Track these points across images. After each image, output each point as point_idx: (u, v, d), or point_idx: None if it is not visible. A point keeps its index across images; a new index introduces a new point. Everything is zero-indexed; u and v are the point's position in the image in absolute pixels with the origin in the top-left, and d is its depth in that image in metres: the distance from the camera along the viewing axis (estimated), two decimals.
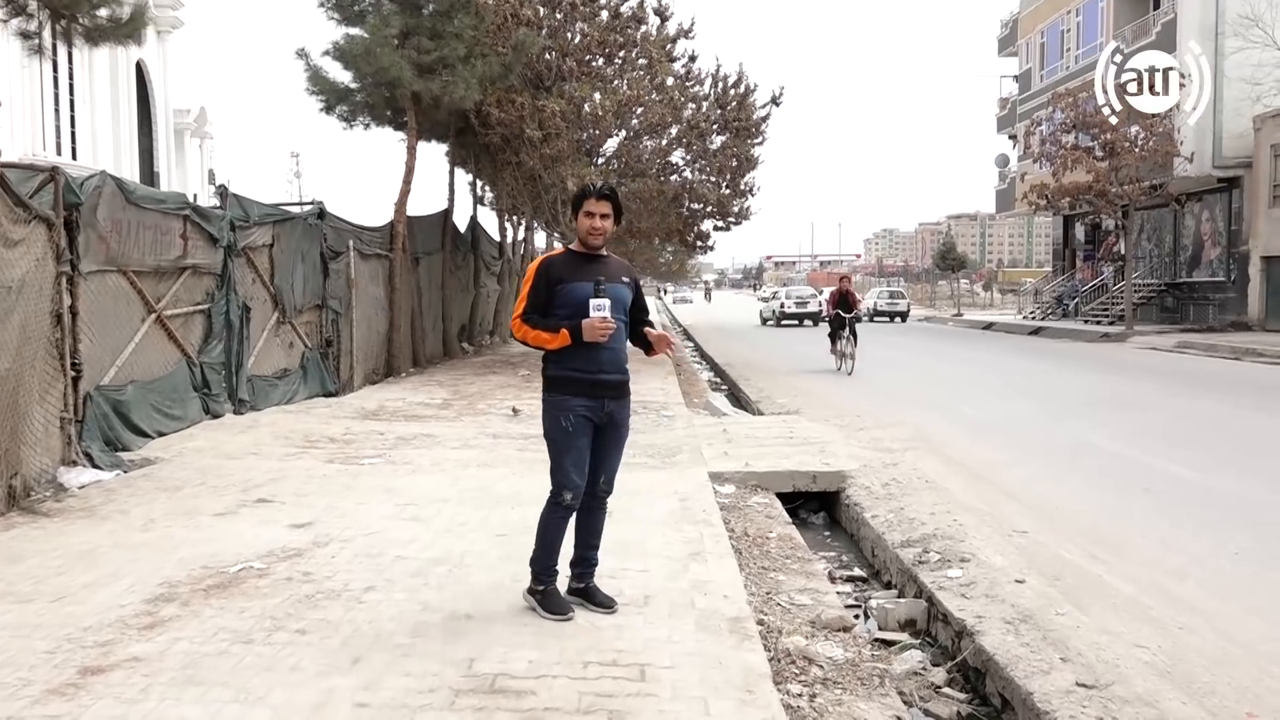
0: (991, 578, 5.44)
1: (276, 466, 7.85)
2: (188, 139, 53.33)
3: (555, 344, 4.27)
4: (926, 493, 7.64)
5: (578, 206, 4.39)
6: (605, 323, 4.16)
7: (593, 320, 4.16)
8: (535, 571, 4.45)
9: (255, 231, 11.20)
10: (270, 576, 4.92)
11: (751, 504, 7.39)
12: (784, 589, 5.36)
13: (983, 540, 6.20)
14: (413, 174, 16.46)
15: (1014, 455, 9.42)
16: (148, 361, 9.23)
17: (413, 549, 5.43)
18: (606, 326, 4.17)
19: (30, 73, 37.25)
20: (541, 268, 4.39)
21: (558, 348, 4.28)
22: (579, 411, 4.29)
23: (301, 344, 12.55)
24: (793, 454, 8.84)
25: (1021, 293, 48.43)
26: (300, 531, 5.80)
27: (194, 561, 5.15)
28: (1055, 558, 5.90)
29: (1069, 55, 36.41)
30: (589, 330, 4.17)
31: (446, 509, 6.41)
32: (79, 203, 7.89)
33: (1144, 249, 33.30)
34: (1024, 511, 7.13)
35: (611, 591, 4.67)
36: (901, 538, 6.43)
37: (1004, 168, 42.32)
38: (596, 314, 4.18)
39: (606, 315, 4.18)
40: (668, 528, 6.03)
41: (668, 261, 50.55)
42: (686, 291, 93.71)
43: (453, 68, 15.16)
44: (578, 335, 4.20)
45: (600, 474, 4.46)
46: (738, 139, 18.41)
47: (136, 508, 6.37)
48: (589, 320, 4.18)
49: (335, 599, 4.58)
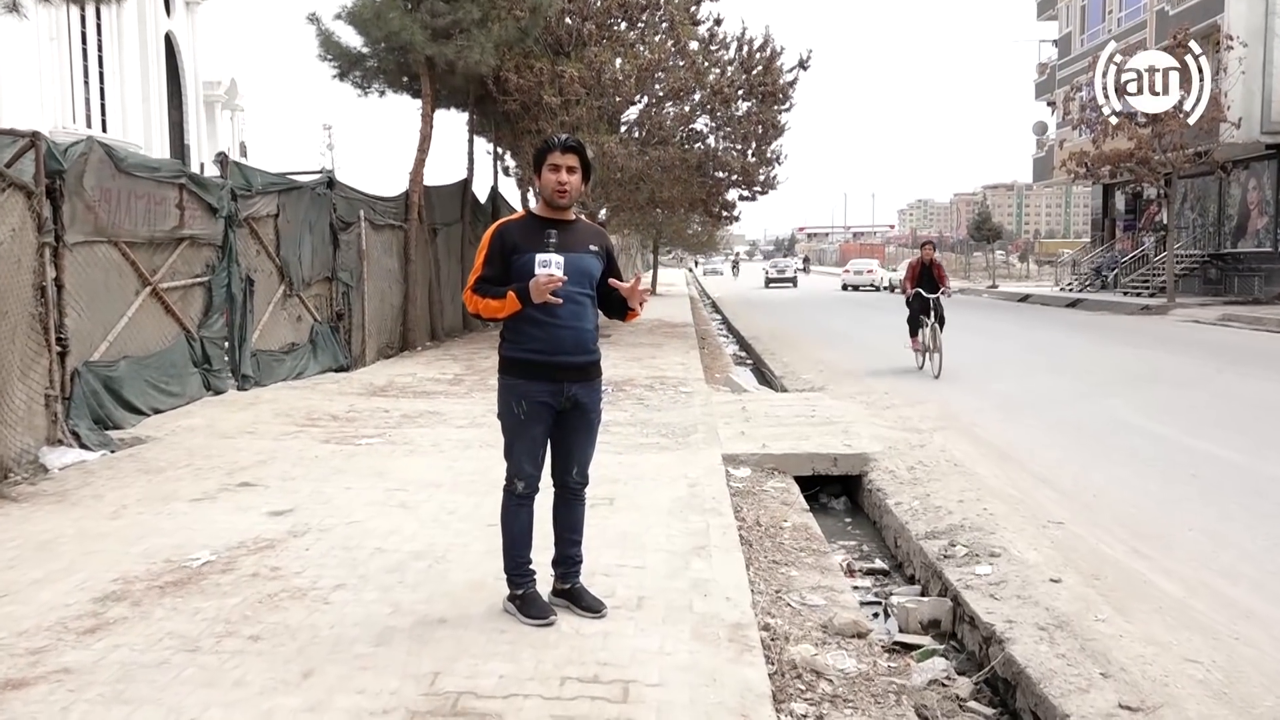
0: (1024, 575, 4.97)
1: (269, 447, 7.50)
2: (219, 111, 53.25)
3: (506, 311, 3.82)
4: (955, 477, 7.15)
5: (540, 162, 3.89)
6: (552, 280, 3.68)
7: (539, 278, 3.69)
8: (508, 575, 4.03)
9: (259, 201, 10.83)
10: (235, 572, 4.54)
11: (767, 489, 6.95)
12: (795, 586, 4.92)
13: (1014, 532, 5.72)
14: (429, 142, 16.02)
15: (1048, 436, 8.89)
16: (143, 336, 8.90)
17: (393, 541, 5.04)
18: (553, 282, 3.68)
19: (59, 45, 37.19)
20: (496, 235, 3.92)
21: (508, 316, 3.83)
22: (536, 397, 3.85)
23: (310, 317, 12.20)
24: (813, 434, 8.37)
25: (1059, 264, 47.30)
26: (278, 520, 5.43)
27: (157, 554, 4.79)
28: (1094, 552, 5.41)
29: (1111, 18, 35.22)
30: (536, 290, 3.69)
31: (438, 495, 6.01)
32: (62, 170, 7.54)
33: (1187, 219, 32.25)
34: (1059, 499, 6.63)
35: (604, 591, 4.25)
36: (926, 528, 5.96)
37: (1042, 135, 41.19)
38: (542, 270, 3.71)
39: (554, 272, 3.71)
40: (673, 517, 5.60)
41: (696, 233, 49.67)
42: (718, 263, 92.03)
43: (468, 32, 14.67)
44: (525, 296, 3.74)
45: (572, 464, 4.03)
46: (763, 104, 17.77)
47: (112, 491, 6.03)
48: (535, 279, 3.71)
49: (299, 599, 4.19)
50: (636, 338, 18.17)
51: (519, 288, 3.75)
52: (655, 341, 17.46)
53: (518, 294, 3.76)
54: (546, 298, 3.71)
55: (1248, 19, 26.83)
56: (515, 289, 3.76)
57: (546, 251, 3.74)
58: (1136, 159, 26.73)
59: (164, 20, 45.59)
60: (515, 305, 3.78)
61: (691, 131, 17.97)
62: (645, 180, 17.71)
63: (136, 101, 42.83)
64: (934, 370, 12.86)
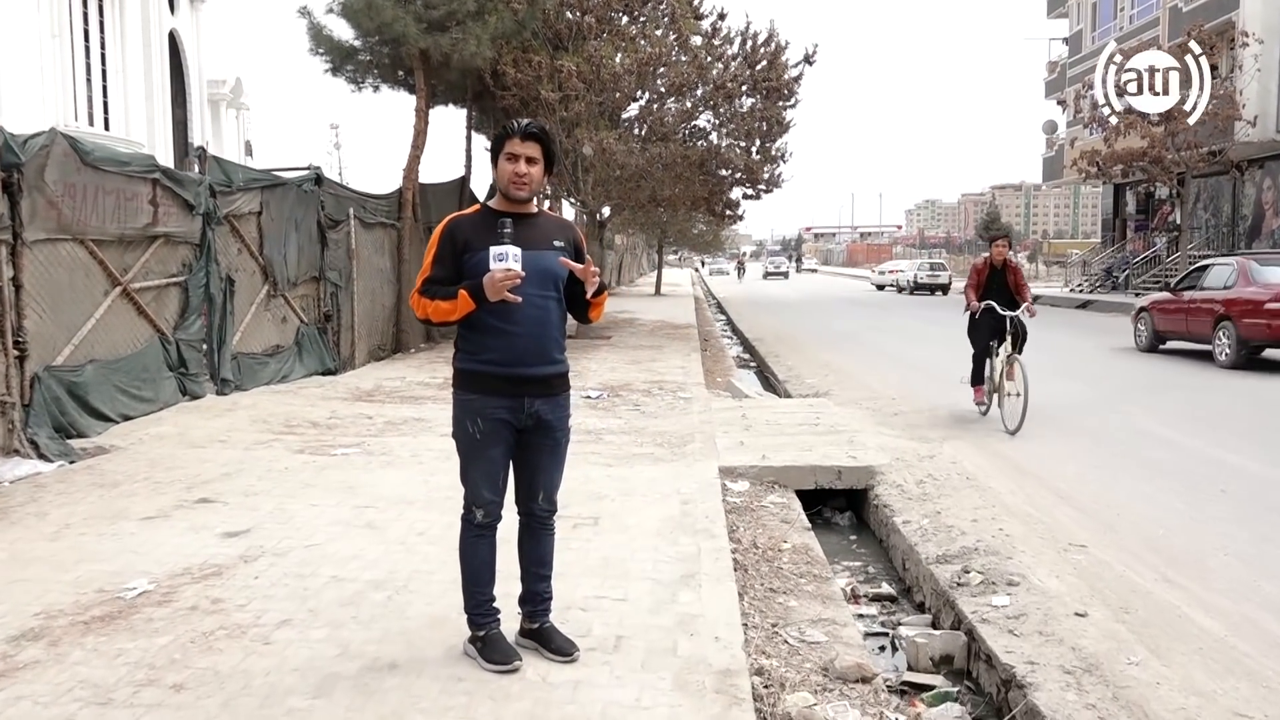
0: (1046, 608, 4.51)
1: (238, 457, 7.06)
2: (224, 110, 52.79)
3: (458, 313, 3.38)
4: (967, 492, 6.69)
5: (497, 150, 3.43)
6: (508, 275, 3.24)
7: (494, 273, 3.25)
8: (468, 614, 3.58)
9: (240, 198, 10.40)
10: (172, 604, 4.10)
11: (766, 504, 6.49)
12: (794, 619, 4.47)
13: (1034, 557, 5.26)
14: (423, 138, 15.60)
15: (1064, 446, 8.42)
16: (112, 339, 8.48)
17: (352, 568, 4.60)
18: (508, 279, 3.24)
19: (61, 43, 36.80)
20: (446, 231, 3.46)
21: (462, 319, 3.40)
22: (493, 414, 3.42)
23: (296, 319, 11.77)
24: (817, 445, 7.91)
25: (1069, 265, 46.72)
26: (232, 542, 4.99)
27: (90, 583, 4.35)
28: (1121, 581, 4.95)
29: (1123, 15, 34.68)
30: (491, 287, 3.25)
31: (409, 513, 5.57)
32: (20, 163, 7.11)
33: (1200, 219, 31.70)
34: (1080, 519, 6.16)
35: (578, 630, 3.81)
36: (938, 550, 5.50)
37: (1052, 135, 40.63)
38: (498, 265, 3.26)
39: (511, 266, 3.26)
40: (661, 540, 5.15)
41: (701, 233, 49.20)
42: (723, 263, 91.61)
43: (463, 24, 14.25)
44: (478, 294, 3.30)
45: (536, 489, 3.58)
46: (768, 100, 17.31)
47: (59, 508, 5.60)
48: (490, 274, 3.26)
49: (238, 638, 3.75)
50: (637, 340, 17.72)
51: (471, 285, 3.31)
52: (656, 344, 17.00)
53: (470, 292, 3.32)
54: (504, 295, 3.26)
55: (1264, 15, 26.29)
56: (467, 286, 3.32)
57: (501, 243, 3.29)
58: (1149, 158, 26.26)
59: (168, 18, 45.22)
60: (469, 305, 3.34)
61: (694, 128, 17.52)
62: (646, 178, 17.27)
63: (140, 99, 42.41)
64: (1011, 422, 8.90)
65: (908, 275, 43.53)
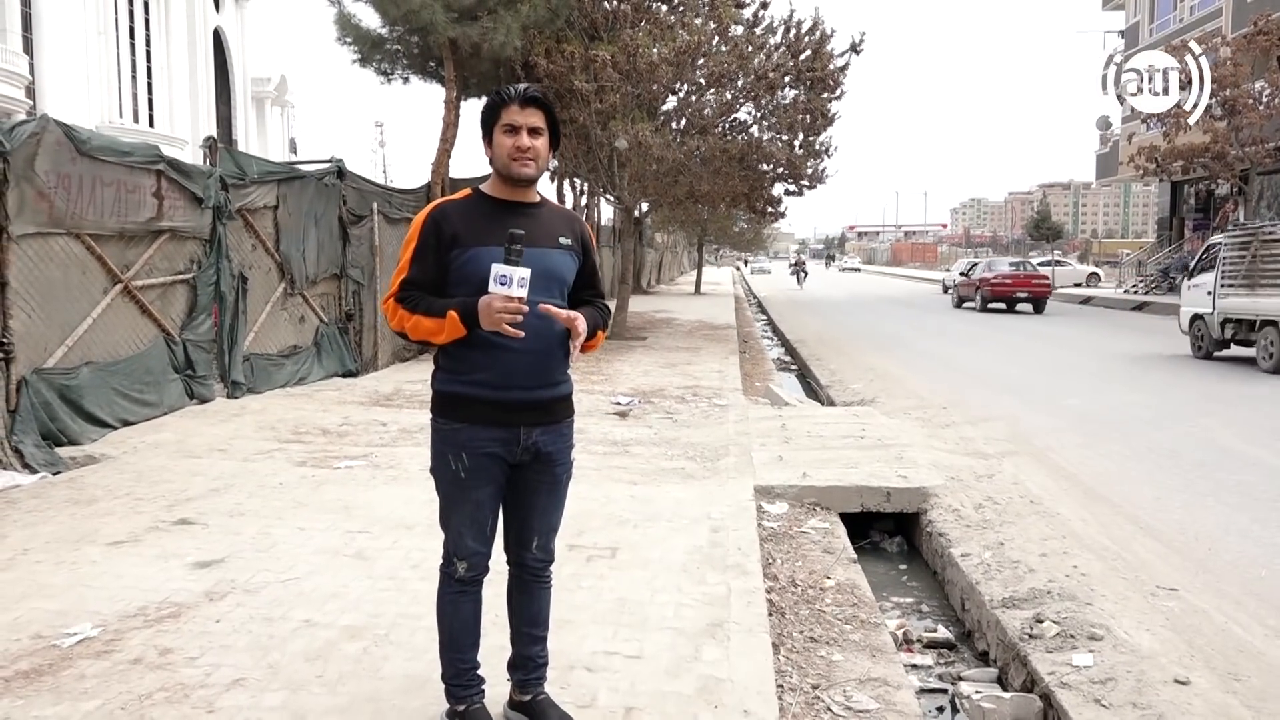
0: (1138, 670, 3.81)
1: (232, 470, 6.52)
2: (268, 108, 52.98)
3: (444, 336, 2.73)
4: (1033, 519, 5.98)
5: (491, 122, 2.78)
6: (509, 303, 2.60)
7: (491, 298, 2.61)
8: (447, 684, 2.96)
9: (254, 191, 9.89)
10: (113, 655, 3.53)
11: (807, 530, 5.84)
12: (838, 678, 3.82)
13: (1117, 603, 4.55)
14: (453, 130, 15.02)
15: (1138, 466, 7.65)
16: (112, 339, 7.99)
17: (330, 610, 4.00)
18: (510, 308, 2.60)
19: (106, 40, 36.96)
20: (430, 220, 2.80)
21: (447, 341, 2.76)
22: (481, 448, 2.78)
23: (315, 318, 11.26)
24: (862, 461, 7.22)
25: (1123, 265, 45.31)
26: (200, 574, 4.43)
27: (28, 625, 3.79)
28: (1224, 636, 4.23)
29: (1183, 6, 33.40)
30: (486, 314, 2.62)
31: (405, 540, 4.98)
32: (6, 152, 6.63)
33: (1264, 217, 30.36)
34: (1165, 553, 5.43)
35: (580, 698, 3.19)
36: (1003, 592, 4.81)
37: (1105, 130, 39.34)
38: (499, 289, 2.60)
39: (514, 293, 2.59)
40: (686, 577, 4.51)
41: (742, 231, 48.29)
42: (764, 262, 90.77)
43: (494, 12, 13.67)
44: (471, 319, 2.66)
45: (530, 536, 2.96)
46: (812, 91, 16.54)
47: (21, 530, 5.07)
48: (487, 298, 2.62)
49: (178, 703, 3.17)
50: (674, 340, 17.08)
51: (464, 307, 2.66)
52: (693, 345, 16.34)
53: (462, 315, 2.67)
54: (503, 327, 2.61)
55: None
56: (459, 309, 2.67)
57: (507, 261, 2.61)
58: (1212, 154, 25.12)
59: (213, 16, 45.44)
60: (458, 330, 2.69)
61: (734, 121, 16.80)
62: (684, 173, 16.59)
63: (184, 97, 42.63)
64: None
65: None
